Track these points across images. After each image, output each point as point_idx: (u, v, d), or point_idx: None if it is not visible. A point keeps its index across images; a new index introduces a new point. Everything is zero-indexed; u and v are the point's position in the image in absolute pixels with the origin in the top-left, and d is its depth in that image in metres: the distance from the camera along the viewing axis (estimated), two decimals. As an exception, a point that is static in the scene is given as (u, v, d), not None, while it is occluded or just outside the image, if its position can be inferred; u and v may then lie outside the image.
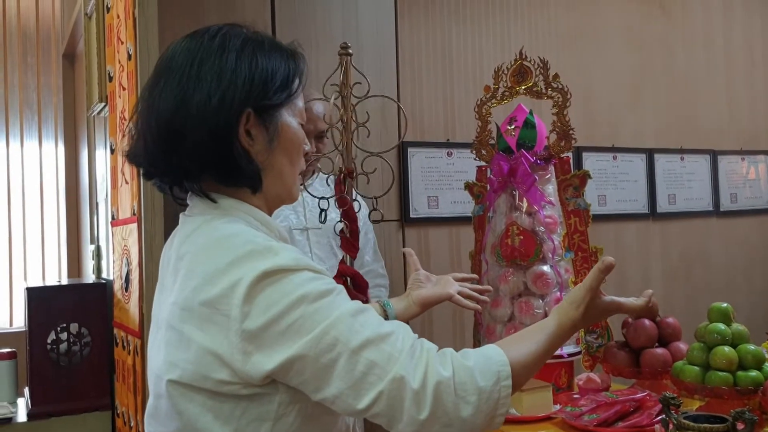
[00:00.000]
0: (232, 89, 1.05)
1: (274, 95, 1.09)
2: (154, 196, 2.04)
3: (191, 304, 1.00)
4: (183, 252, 1.08)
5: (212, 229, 1.07)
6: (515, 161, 2.16)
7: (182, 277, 1.04)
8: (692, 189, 4.11)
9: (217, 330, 0.97)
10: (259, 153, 1.09)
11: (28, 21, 4.03)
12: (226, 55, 1.07)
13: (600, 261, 1.19)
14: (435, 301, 1.63)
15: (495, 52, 3.44)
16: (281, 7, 2.92)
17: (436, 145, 3.28)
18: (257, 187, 1.11)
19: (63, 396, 2.47)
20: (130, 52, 2.13)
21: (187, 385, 1.01)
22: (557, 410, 1.91)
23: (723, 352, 1.69)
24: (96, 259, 3.08)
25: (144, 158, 1.11)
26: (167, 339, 1.05)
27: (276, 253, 1.00)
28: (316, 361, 0.96)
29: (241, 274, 0.97)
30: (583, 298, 1.24)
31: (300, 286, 0.98)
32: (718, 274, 4.12)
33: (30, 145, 4.01)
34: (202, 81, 1.04)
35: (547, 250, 2.15)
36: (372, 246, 2.79)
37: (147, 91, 1.10)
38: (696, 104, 4.13)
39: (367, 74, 1.80)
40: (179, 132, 1.04)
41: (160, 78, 1.08)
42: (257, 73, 1.07)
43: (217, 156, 1.05)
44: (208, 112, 1.03)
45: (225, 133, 1.05)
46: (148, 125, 1.08)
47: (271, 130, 1.10)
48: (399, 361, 0.97)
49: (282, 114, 1.11)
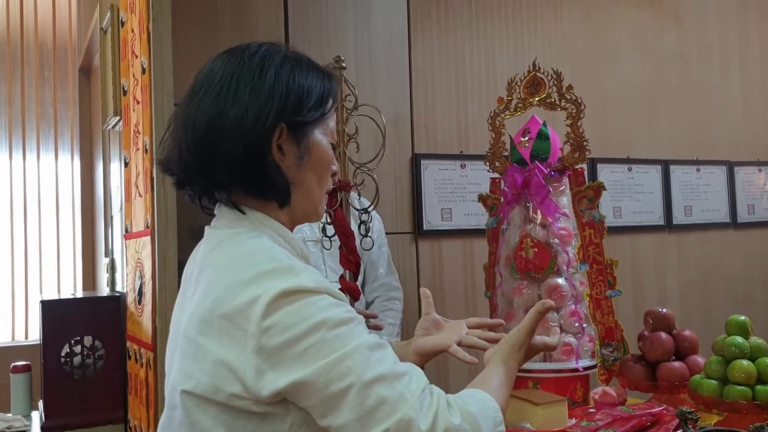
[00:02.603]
0: (268, 104, 1.07)
1: (309, 112, 1.11)
2: (167, 209, 2.05)
3: (210, 316, 1.00)
4: (206, 264, 1.09)
5: (237, 244, 1.08)
6: (529, 173, 2.15)
7: (203, 288, 1.05)
8: (708, 200, 4.08)
9: (233, 344, 0.97)
10: (289, 168, 1.10)
11: (45, 36, 4.08)
12: (265, 70, 1.09)
13: (539, 303, 1.17)
14: (433, 353, 1.44)
15: (508, 64, 3.43)
16: (295, 21, 2.94)
17: (449, 157, 3.28)
18: (285, 202, 1.12)
19: (76, 409, 2.47)
20: (144, 66, 2.15)
21: (201, 397, 1.01)
22: (572, 424, 1.89)
23: (741, 365, 1.66)
24: (110, 272, 3.09)
25: (177, 167, 1.12)
26: (183, 349, 1.05)
27: (297, 273, 1.00)
28: (326, 388, 0.95)
29: (261, 291, 0.97)
30: (524, 341, 1.23)
31: (321, 310, 0.98)
32: (736, 286, 4.08)
33: (46, 158, 4.05)
34: (240, 95, 1.07)
35: (561, 263, 2.13)
36: (386, 259, 2.78)
37: (185, 103, 1.13)
38: (711, 115, 4.10)
39: (380, 87, 1.80)
40: (215, 143, 1.06)
41: (199, 90, 1.11)
42: (293, 90, 1.10)
43: (250, 168, 1.07)
44: (244, 125, 1.06)
45: (259, 146, 1.06)
46: (184, 135, 1.10)
47: (303, 146, 1.11)
48: (409, 402, 0.96)
49: (314, 132, 1.13)
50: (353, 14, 3.08)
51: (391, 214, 3.03)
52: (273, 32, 2.89)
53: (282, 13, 2.93)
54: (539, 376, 2.11)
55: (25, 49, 4.02)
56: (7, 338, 3.91)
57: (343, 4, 3.08)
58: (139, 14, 2.20)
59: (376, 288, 2.72)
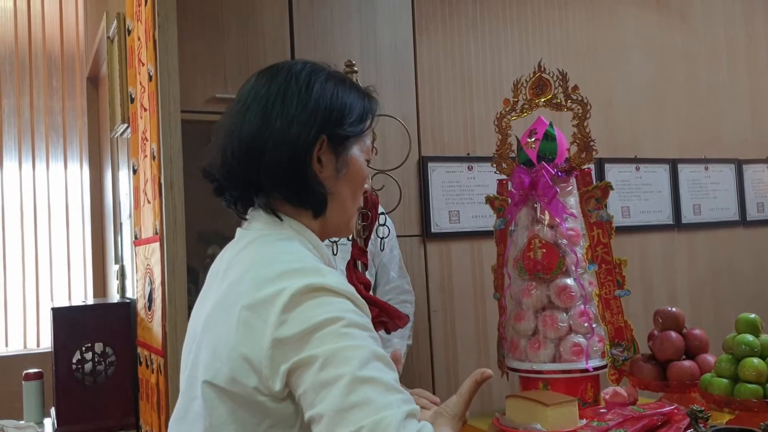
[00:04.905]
0: (313, 116, 1.13)
1: (349, 127, 1.16)
2: (176, 215, 2.06)
3: (234, 308, 1.03)
4: (235, 262, 1.13)
5: (267, 244, 1.12)
6: (536, 174, 2.15)
7: (230, 282, 1.09)
8: (717, 199, 4.06)
9: (252, 334, 1.00)
10: (326, 179, 1.16)
11: (52, 46, 4.10)
12: (312, 85, 1.15)
13: (477, 372, 1.15)
14: None
15: (514, 65, 3.43)
16: (300, 27, 2.95)
17: (456, 159, 3.28)
18: (321, 211, 1.17)
19: (88, 415, 2.48)
20: (151, 73, 2.16)
21: (220, 388, 1.03)
22: (583, 425, 1.89)
23: (752, 363, 1.66)
24: (120, 279, 3.10)
25: (219, 172, 1.18)
26: (205, 340, 1.08)
27: (323, 274, 1.04)
28: (321, 371, 0.95)
29: (286, 285, 1.00)
30: (464, 412, 1.18)
31: (339, 310, 1.00)
32: (746, 284, 4.06)
33: (56, 167, 4.07)
34: (287, 107, 1.13)
35: (570, 263, 2.13)
36: (397, 262, 2.78)
37: (232, 112, 1.18)
38: (719, 113, 4.09)
39: (385, 90, 1.80)
40: (260, 150, 1.12)
41: (245, 100, 1.17)
42: (336, 105, 1.16)
43: (291, 175, 1.12)
44: (289, 134, 1.11)
45: (301, 156, 1.12)
46: (229, 142, 1.15)
47: (341, 160, 1.17)
48: (393, 413, 0.93)
49: (353, 147, 1.19)
50: (358, 18, 3.09)
51: (399, 217, 3.04)
52: (279, 38, 2.91)
53: (287, 19, 2.94)
54: (549, 376, 2.11)
55: (34, 60, 4.05)
56: (19, 346, 3.93)
57: (348, 9, 3.09)
58: (145, 22, 2.22)
59: (387, 291, 2.73)
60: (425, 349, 3.11)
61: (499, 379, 2.45)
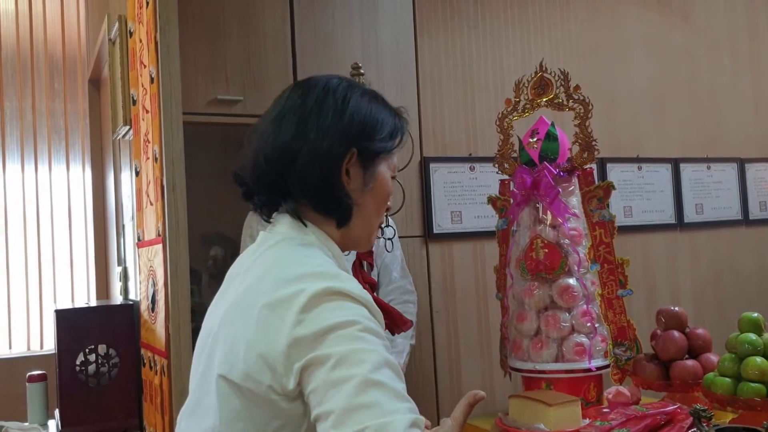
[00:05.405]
0: (347, 128, 1.17)
1: (379, 143, 1.21)
2: (178, 217, 2.06)
3: (253, 306, 1.06)
4: (257, 264, 1.16)
5: (290, 248, 1.15)
6: (538, 174, 2.15)
7: (250, 283, 1.12)
8: (720, 198, 4.06)
9: (270, 332, 1.02)
10: (353, 191, 1.19)
11: (54, 49, 4.11)
12: (348, 99, 1.19)
13: (470, 394, 1.15)
14: None
15: (515, 66, 3.43)
16: (301, 28, 2.95)
17: (458, 159, 3.28)
18: (345, 221, 1.20)
19: (92, 417, 2.49)
20: (153, 75, 2.16)
21: (234, 383, 1.04)
22: (586, 425, 1.89)
23: (755, 362, 1.66)
24: (123, 281, 3.11)
25: (250, 176, 1.21)
26: (222, 336, 1.10)
27: (342, 280, 1.07)
28: (333, 370, 0.96)
29: (306, 286, 1.03)
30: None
31: (357, 315, 1.02)
32: (749, 283, 4.06)
33: (58, 169, 4.08)
34: (323, 117, 1.17)
35: (572, 263, 2.13)
36: (400, 263, 2.78)
37: (268, 118, 1.22)
38: (721, 112, 4.08)
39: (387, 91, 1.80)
40: (293, 157, 1.15)
41: (283, 109, 1.20)
42: (370, 119, 1.20)
43: (320, 183, 1.16)
44: (322, 144, 1.15)
45: (332, 165, 1.15)
46: (263, 147, 1.18)
47: (368, 174, 1.20)
48: (400, 417, 0.95)
49: (381, 163, 1.23)
50: (359, 20, 3.09)
51: (402, 218, 3.04)
52: (280, 39, 2.91)
53: (288, 20, 2.94)
54: (552, 376, 2.11)
55: (35, 63, 4.06)
56: (23, 348, 3.94)
57: (350, 10, 3.09)
58: (147, 24, 2.22)
59: (390, 291, 2.73)
60: (428, 349, 3.11)
61: (502, 379, 2.45)
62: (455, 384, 3.16)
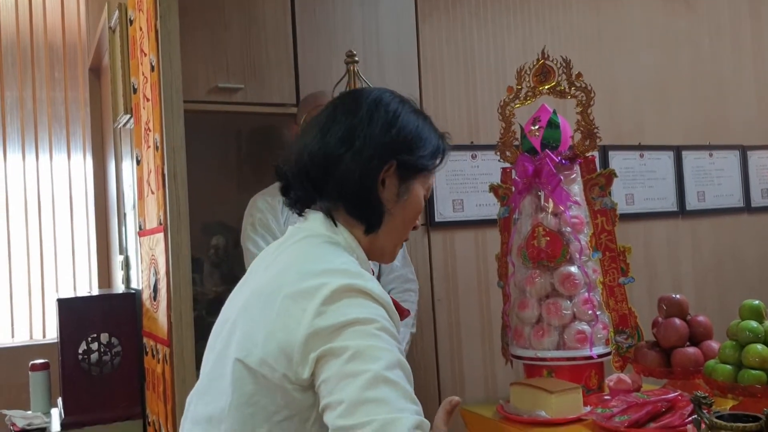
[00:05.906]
0: (393, 139, 1.21)
1: (420, 159, 1.25)
2: (179, 206, 2.06)
3: (276, 295, 1.09)
4: (283, 257, 1.20)
5: (316, 245, 1.19)
6: (540, 162, 2.15)
7: (273, 273, 1.16)
8: (722, 185, 4.05)
9: (290, 322, 1.04)
10: (386, 201, 1.23)
11: (54, 37, 4.10)
12: (399, 113, 1.24)
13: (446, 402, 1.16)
14: None
15: (517, 53, 3.42)
16: (302, 16, 2.93)
17: (460, 147, 3.27)
18: (374, 228, 1.23)
19: (95, 405, 2.50)
20: (153, 63, 2.16)
21: (250, 368, 1.07)
22: (588, 412, 1.89)
23: (756, 349, 1.66)
24: (125, 269, 3.11)
25: (292, 168, 1.25)
26: (242, 322, 1.13)
27: (365, 279, 1.10)
28: (348, 362, 0.99)
29: (329, 280, 1.06)
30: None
31: (375, 314, 1.05)
32: (750, 270, 4.06)
33: (59, 158, 4.07)
34: (372, 128, 1.21)
35: (574, 251, 2.13)
36: (401, 252, 2.78)
37: (321, 119, 1.26)
38: (723, 99, 4.07)
39: (389, 79, 1.80)
40: (336, 161, 1.19)
41: (335, 113, 1.25)
42: (415, 134, 1.24)
43: (357, 188, 1.20)
44: (366, 153, 1.19)
45: (372, 172, 1.20)
46: (311, 145, 1.23)
47: (403, 188, 1.24)
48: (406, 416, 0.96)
49: (417, 180, 1.27)
50: (360, 7, 3.08)
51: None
52: (280, 27, 2.89)
53: (289, 8, 2.92)
54: (553, 364, 2.11)
55: (35, 52, 4.04)
56: (25, 337, 3.95)
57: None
58: (147, 12, 2.21)
59: (391, 280, 2.73)
60: (429, 338, 3.11)
61: (503, 366, 2.45)
62: (457, 372, 3.17)
